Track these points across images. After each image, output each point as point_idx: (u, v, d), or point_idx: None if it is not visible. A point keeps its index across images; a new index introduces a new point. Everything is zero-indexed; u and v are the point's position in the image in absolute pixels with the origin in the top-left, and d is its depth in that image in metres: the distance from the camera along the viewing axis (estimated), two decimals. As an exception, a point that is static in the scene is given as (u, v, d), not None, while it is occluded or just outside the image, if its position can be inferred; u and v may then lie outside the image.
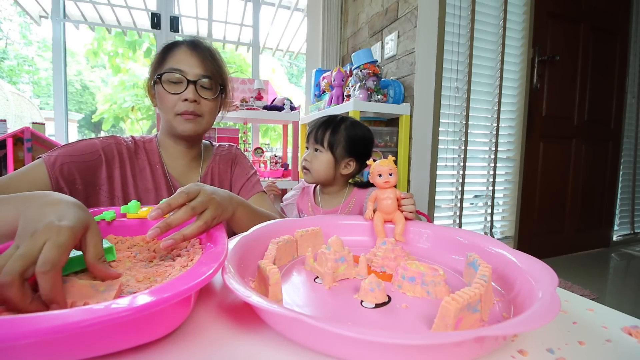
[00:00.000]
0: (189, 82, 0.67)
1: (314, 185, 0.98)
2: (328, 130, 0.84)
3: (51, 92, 2.04)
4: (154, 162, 0.74)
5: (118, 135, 0.73)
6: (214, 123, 0.78)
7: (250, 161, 1.98)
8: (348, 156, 0.86)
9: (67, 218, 0.31)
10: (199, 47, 0.70)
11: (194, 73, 0.68)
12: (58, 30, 1.95)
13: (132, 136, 0.76)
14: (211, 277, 0.29)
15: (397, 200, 0.56)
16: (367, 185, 0.92)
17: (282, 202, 1.02)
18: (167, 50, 0.69)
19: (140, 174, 0.72)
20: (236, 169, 0.84)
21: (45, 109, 4.52)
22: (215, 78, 0.71)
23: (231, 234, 0.46)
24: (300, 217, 0.95)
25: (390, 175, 0.54)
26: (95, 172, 0.66)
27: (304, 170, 0.88)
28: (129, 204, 0.50)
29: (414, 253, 0.50)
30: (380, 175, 0.54)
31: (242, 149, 1.95)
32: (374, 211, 0.57)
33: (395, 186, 0.56)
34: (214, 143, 0.87)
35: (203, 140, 0.83)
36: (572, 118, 2.04)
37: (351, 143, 0.85)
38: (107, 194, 0.67)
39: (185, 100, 0.67)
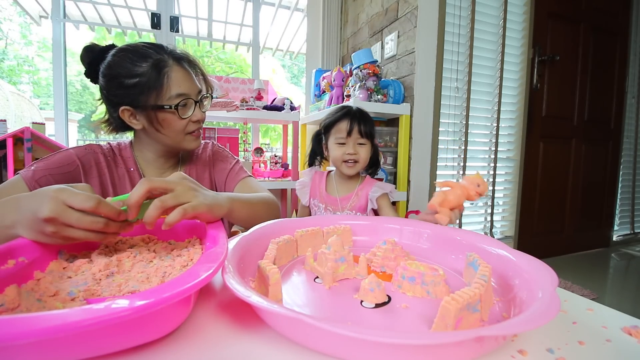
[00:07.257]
0: (195, 102, 0.68)
1: (326, 172, 1.03)
2: (367, 124, 0.93)
3: (51, 92, 2.04)
4: (131, 169, 0.73)
5: (94, 143, 0.73)
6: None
7: (250, 160, 1.97)
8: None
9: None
10: (187, 62, 0.69)
11: (195, 93, 0.69)
12: (58, 30, 1.95)
13: (109, 143, 0.75)
14: (211, 277, 0.29)
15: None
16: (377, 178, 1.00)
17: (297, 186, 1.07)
18: (161, 72, 0.64)
19: (119, 181, 0.71)
20: (217, 164, 0.83)
21: (45, 109, 4.51)
22: (209, 90, 0.73)
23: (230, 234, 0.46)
24: (311, 201, 1.01)
25: (478, 195, 0.56)
26: (74, 182, 0.64)
27: (349, 163, 0.93)
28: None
29: (414, 253, 0.50)
30: (479, 185, 0.55)
31: (242, 149, 1.94)
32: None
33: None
34: None
35: None
36: (572, 118, 2.04)
37: (374, 129, 0.96)
38: None
39: (197, 120, 0.70)
